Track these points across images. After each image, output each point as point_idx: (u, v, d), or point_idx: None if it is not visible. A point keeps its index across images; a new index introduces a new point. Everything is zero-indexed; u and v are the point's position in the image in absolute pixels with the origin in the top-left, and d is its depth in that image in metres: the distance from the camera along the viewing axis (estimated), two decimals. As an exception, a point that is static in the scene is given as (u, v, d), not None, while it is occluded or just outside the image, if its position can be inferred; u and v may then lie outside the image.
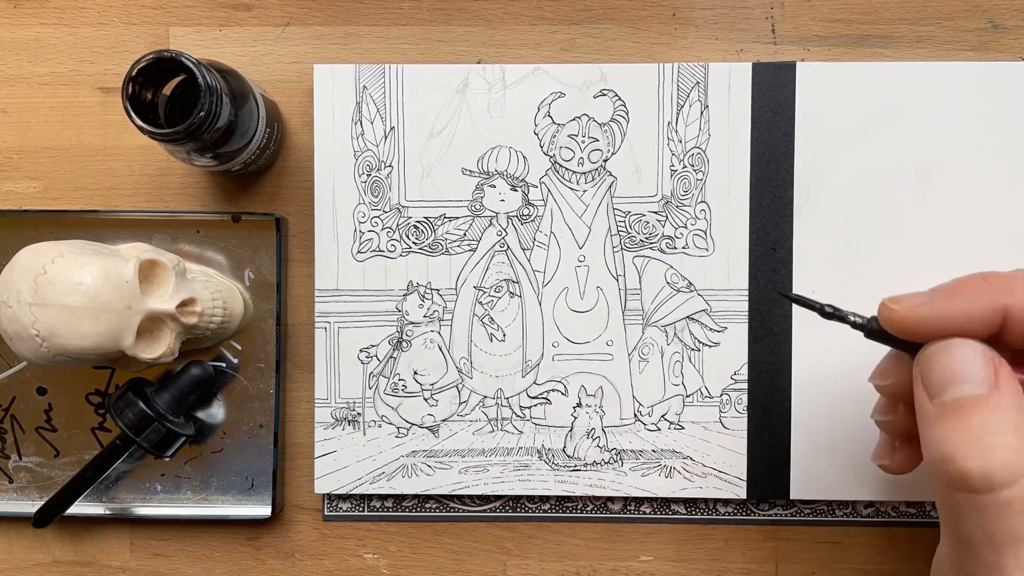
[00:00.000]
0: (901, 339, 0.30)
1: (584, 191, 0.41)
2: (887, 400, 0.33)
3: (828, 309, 0.31)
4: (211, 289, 0.39)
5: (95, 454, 0.40)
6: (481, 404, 0.41)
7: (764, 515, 0.42)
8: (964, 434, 0.26)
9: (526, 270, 0.41)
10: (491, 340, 0.42)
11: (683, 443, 0.41)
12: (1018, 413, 0.26)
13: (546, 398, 0.41)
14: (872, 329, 0.31)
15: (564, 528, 0.42)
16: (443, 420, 0.42)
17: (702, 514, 0.42)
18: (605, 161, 0.41)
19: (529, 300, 0.41)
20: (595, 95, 0.41)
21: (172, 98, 0.36)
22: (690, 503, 0.42)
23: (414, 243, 0.41)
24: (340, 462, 0.41)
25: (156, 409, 0.39)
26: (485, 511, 0.42)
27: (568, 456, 0.41)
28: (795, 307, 0.41)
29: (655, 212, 0.41)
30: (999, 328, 0.28)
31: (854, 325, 0.31)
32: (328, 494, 0.42)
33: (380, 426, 0.41)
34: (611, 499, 0.42)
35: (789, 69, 0.41)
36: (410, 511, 0.43)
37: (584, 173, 0.41)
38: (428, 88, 0.41)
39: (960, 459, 0.25)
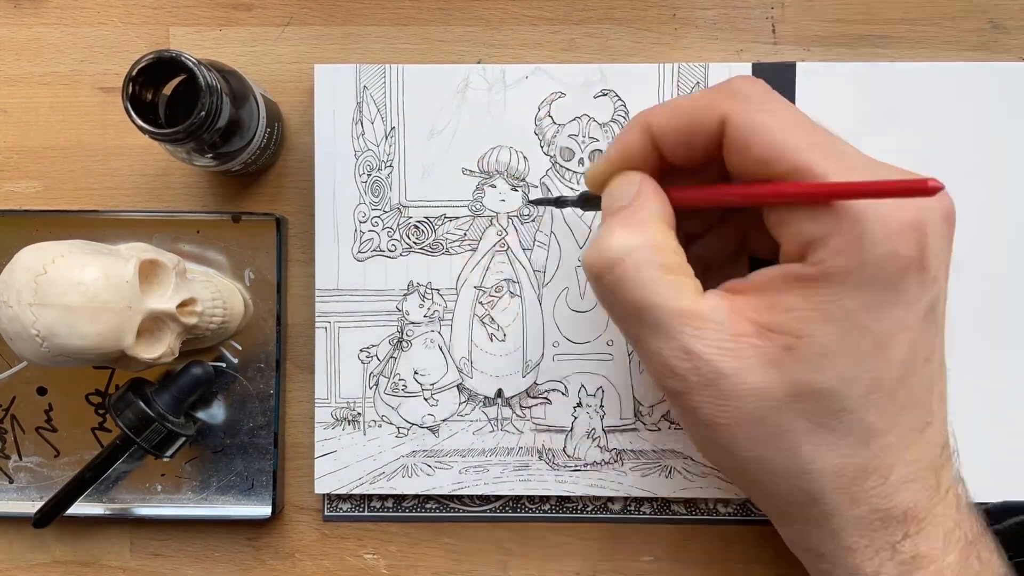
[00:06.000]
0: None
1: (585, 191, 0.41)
2: None
3: (562, 199, 0.36)
4: (211, 289, 0.39)
5: (95, 454, 0.40)
6: (481, 404, 0.41)
7: (764, 515, 0.42)
8: (599, 235, 0.29)
9: (526, 270, 0.41)
10: (491, 340, 0.42)
11: (683, 443, 0.41)
12: (640, 212, 0.30)
13: (546, 398, 0.41)
14: (584, 198, 0.34)
15: (564, 528, 0.42)
16: (443, 420, 0.41)
17: (702, 514, 0.42)
18: (605, 161, 0.41)
19: (529, 300, 0.41)
20: (595, 95, 0.41)
21: (172, 98, 0.36)
22: (690, 503, 0.42)
23: (414, 243, 0.41)
24: (340, 462, 0.41)
25: (156, 409, 0.39)
26: (485, 511, 0.42)
27: (568, 456, 0.41)
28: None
29: (655, 212, 0.41)
30: (708, 150, 0.30)
31: (572, 203, 0.35)
32: (328, 494, 0.42)
33: (380, 426, 0.41)
34: (611, 499, 0.42)
35: (789, 69, 0.41)
36: (410, 511, 0.42)
37: (584, 173, 0.41)
38: (428, 88, 0.41)
39: (586, 254, 0.29)
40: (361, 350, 0.41)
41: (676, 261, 0.29)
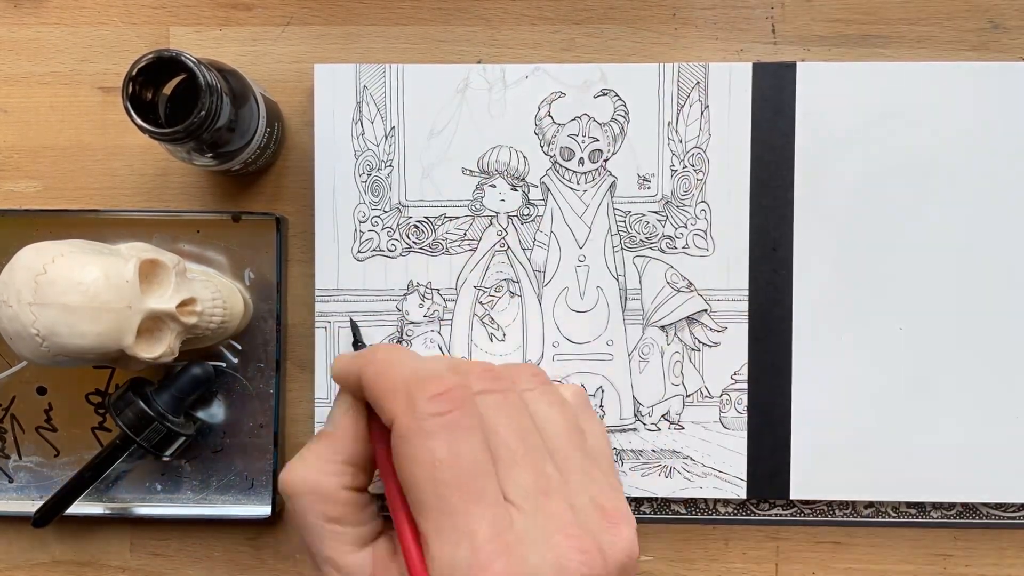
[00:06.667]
0: None
1: (584, 191, 0.41)
2: None
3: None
4: (211, 289, 0.39)
5: (95, 454, 0.40)
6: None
7: (764, 515, 0.42)
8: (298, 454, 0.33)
9: (526, 270, 0.41)
10: (491, 340, 0.42)
11: (683, 443, 0.41)
12: (327, 449, 0.33)
13: (546, 398, 0.41)
14: None
15: (564, 528, 0.42)
16: (443, 420, 0.41)
17: (702, 514, 0.42)
18: (605, 161, 0.41)
19: (529, 300, 0.41)
20: (595, 95, 0.41)
21: (172, 98, 0.36)
22: (690, 503, 0.42)
23: (414, 243, 0.41)
24: (340, 462, 0.41)
25: (156, 409, 0.39)
26: (485, 511, 0.42)
27: (568, 456, 0.41)
28: (795, 308, 0.41)
29: (655, 212, 0.41)
30: None
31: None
32: (328, 494, 0.42)
33: (380, 426, 0.41)
34: (611, 499, 0.42)
35: (789, 69, 0.41)
36: (410, 511, 0.42)
37: (584, 173, 0.41)
38: (428, 88, 0.41)
39: (281, 475, 0.33)
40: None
41: (340, 512, 0.32)
